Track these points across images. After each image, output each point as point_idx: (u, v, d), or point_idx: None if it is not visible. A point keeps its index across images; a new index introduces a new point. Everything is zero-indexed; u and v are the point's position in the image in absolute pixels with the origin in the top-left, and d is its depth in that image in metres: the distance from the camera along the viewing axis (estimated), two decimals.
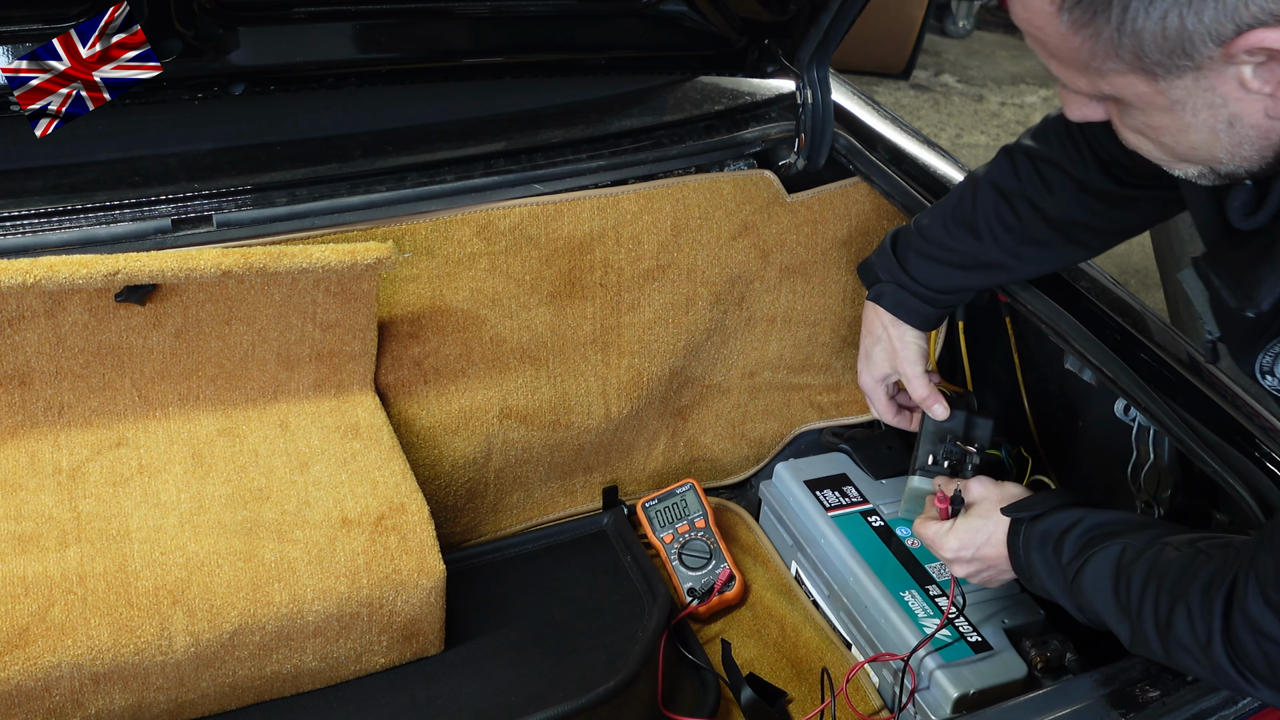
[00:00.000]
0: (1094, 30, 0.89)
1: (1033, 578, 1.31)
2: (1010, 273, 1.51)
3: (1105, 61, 0.91)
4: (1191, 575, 1.13)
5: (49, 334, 1.40)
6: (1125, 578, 1.19)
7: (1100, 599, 1.22)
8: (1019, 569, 1.33)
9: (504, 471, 1.70)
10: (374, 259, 1.48)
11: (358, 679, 1.41)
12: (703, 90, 1.94)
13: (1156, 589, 1.15)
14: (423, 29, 1.79)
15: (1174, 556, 1.17)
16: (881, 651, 1.46)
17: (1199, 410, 1.34)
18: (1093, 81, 0.94)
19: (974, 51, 6.43)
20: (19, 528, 1.33)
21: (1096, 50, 0.90)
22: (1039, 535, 1.29)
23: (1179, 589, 1.13)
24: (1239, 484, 1.27)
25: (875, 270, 1.57)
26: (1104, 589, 1.21)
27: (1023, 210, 1.44)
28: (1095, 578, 1.22)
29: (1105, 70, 0.92)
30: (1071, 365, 1.57)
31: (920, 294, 1.52)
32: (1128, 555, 1.20)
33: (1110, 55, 0.90)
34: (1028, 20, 0.94)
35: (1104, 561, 1.22)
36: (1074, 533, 1.26)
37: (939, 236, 1.50)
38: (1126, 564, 1.20)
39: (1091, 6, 0.87)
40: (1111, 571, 1.21)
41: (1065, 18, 0.89)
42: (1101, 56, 0.90)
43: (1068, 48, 0.92)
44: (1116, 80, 0.93)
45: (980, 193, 1.47)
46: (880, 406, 1.60)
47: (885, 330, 1.55)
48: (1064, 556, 1.26)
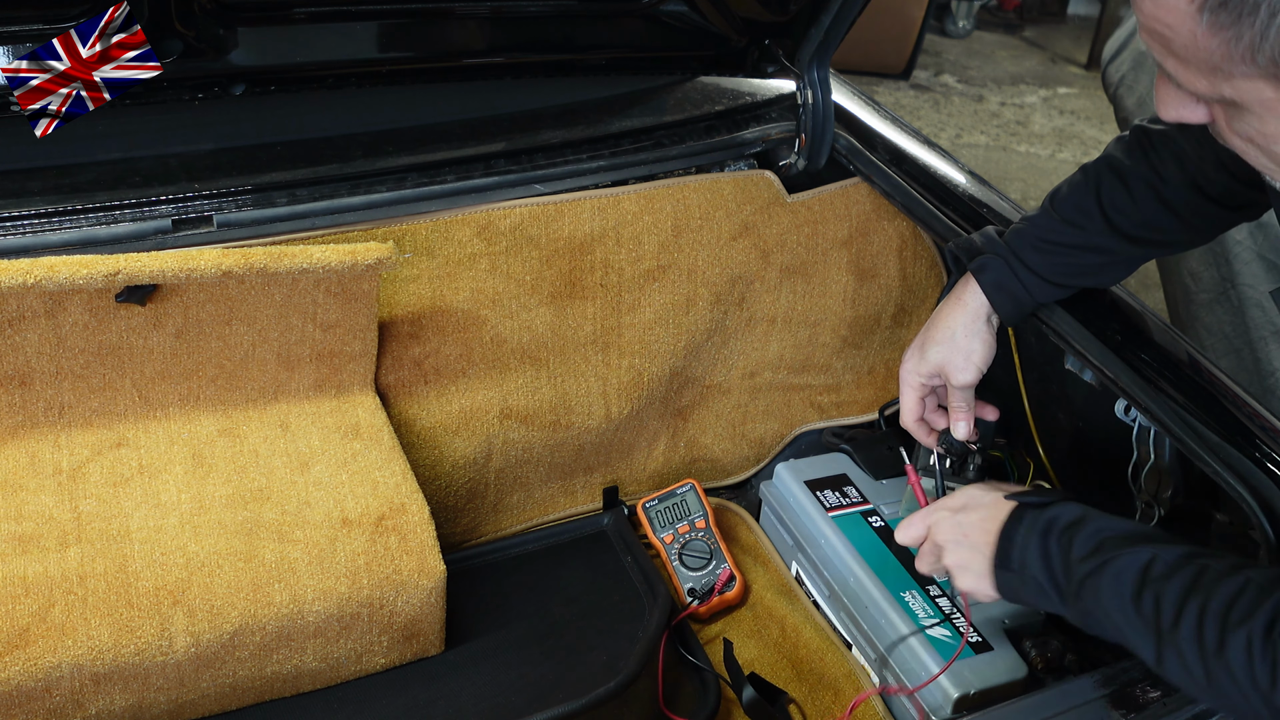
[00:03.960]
0: (1235, 33, 0.85)
1: (1024, 568, 1.21)
2: (1117, 260, 1.44)
3: (1238, 65, 0.87)
4: (1251, 604, 1.04)
5: (49, 334, 1.40)
6: (1154, 592, 1.10)
7: (1118, 608, 1.13)
8: (1004, 559, 1.23)
9: (504, 472, 1.70)
10: (374, 259, 1.48)
11: (358, 679, 1.41)
12: (703, 90, 1.94)
13: (1200, 611, 1.06)
14: (423, 29, 1.79)
15: (1221, 579, 1.07)
16: (881, 652, 1.46)
17: (1199, 410, 1.34)
18: (1214, 84, 0.91)
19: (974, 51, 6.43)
20: (19, 528, 1.33)
21: (1232, 53, 0.86)
22: (1045, 521, 1.21)
23: (1235, 617, 1.04)
24: (1239, 484, 1.27)
25: (977, 244, 1.48)
26: (1124, 598, 1.12)
27: (1138, 191, 1.39)
28: (1116, 584, 1.13)
29: (1234, 74, 0.88)
30: (1071, 365, 1.56)
31: (1024, 278, 1.44)
32: (1157, 567, 1.11)
33: (1246, 59, 0.86)
34: (1157, 17, 0.89)
35: (1128, 568, 1.13)
36: (1086, 529, 1.18)
37: (1051, 222, 1.44)
38: (1157, 577, 1.11)
39: (1238, 9, 0.84)
40: (1136, 580, 1.12)
41: (1206, 18, 0.85)
42: (1236, 60, 0.87)
43: (1200, 48, 0.88)
44: (1242, 85, 0.89)
45: (1092, 176, 1.43)
46: (908, 404, 1.53)
47: (958, 332, 1.46)
48: (1075, 552, 1.17)
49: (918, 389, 1.52)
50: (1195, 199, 1.37)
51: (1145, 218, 1.40)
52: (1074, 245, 1.42)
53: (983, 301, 1.46)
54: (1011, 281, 1.45)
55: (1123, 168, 1.40)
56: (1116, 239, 1.41)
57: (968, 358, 1.46)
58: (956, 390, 1.49)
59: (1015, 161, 5.07)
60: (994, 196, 1.73)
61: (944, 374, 1.49)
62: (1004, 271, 1.45)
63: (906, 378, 1.52)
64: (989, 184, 1.78)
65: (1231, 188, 1.34)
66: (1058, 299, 1.48)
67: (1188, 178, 1.36)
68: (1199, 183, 1.36)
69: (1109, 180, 1.41)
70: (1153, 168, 1.38)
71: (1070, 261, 1.43)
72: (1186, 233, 1.43)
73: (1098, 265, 1.44)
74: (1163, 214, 1.39)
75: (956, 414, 1.49)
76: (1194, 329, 2.73)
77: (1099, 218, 1.41)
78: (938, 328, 1.49)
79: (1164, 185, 1.37)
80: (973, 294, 1.46)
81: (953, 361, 1.47)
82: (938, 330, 1.49)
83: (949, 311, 1.48)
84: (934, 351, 1.48)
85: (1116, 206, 1.40)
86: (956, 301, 1.48)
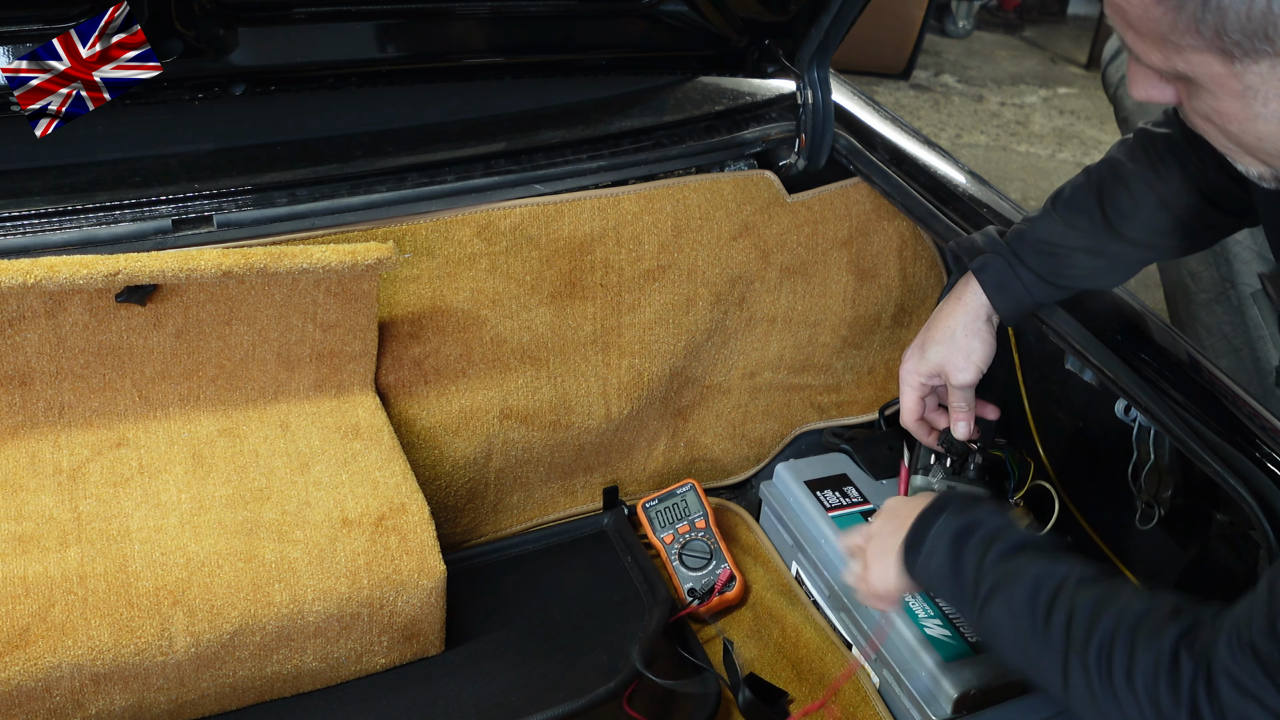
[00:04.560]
0: (1179, 2, 0.87)
1: (934, 556, 1.17)
2: (1117, 263, 1.44)
3: (1184, 36, 0.89)
4: (1159, 625, 0.98)
5: (49, 334, 1.40)
6: (1067, 604, 1.05)
7: (1019, 621, 1.07)
8: (910, 557, 1.20)
9: (504, 472, 1.70)
10: (374, 259, 1.48)
11: (358, 679, 1.41)
12: (703, 90, 1.94)
13: (1111, 630, 1.00)
14: (423, 29, 1.79)
15: (1135, 595, 1.03)
16: (883, 653, 1.46)
17: (1199, 410, 1.34)
18: (1167, 57, 0.93)
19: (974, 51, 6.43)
20: (19, 528, 1.33)
21: (1178, 23, 0.89)
22: (957, 529, 1.17)
23: (1143, 636, 0.99)
24: (1239, 484, 1.27)
25: (978, 244, 1.48)
26: (1022, 612, 1.07)
27: (1140, 194, 1.39)
28: (1020, 593, 1.07)
29: (1182, 46, 0.90)
30: (1072, 365, 1.56)
31: (1025, 278, 1.43)
32: (1070, 582, 1.06)
33: (1191, 30, 0.88)
34: None
35: (1028, 579, 1.08)
36: (999, 544, 1.13)
37: (1052, 223, 1.43)
38: (1069, 591, 1.06)
39: None
40: (1048, 593, 1.06)
41: None
42: (1181, 30, 0.89)
43: (1148, 17, 0.90)
44: (1192, 58, 0.91)
45: (1094, 177, 1.43)
46: (908, 404, 1.53)
47: (958, 331, 1.46)
48: (988, 557, 1.13)
49: (918, 389, 1.52)
50: (1197, 203, 1.37)
51: (1146, 221, 1.39)
52: (1074, 247, 1.42)
53: (983, 301, 1.46)
54: (1012, 281, 1.45)
55: (1125, 170, 1.40)
56: (1117, 242, 1.41)
57: (967, 357, 1.46)
58: (956, 390, 1.49)
59: (1015, 161, 5.07)
60: (994, 196, 1.73)
61: (944, 373, 1.49)
62: (1004, 271, 1.45)
63: (906, 377, 1.52)
64: (989, 184, 1.78)
65: (1233, 192, 1.33)
66: (1058, 299, 1.48)
67: (1190, 182, 1.36)
68: (1201, 187, 1.36)
69: (1111, 183, 1.41)
70: (1155, 171, 1.38)
71: (1070, 263, 1.43)
72: (1187, 237, 1.42)
73: (1098, 268, 1.44)
74: (1164, 218, 1.39)
75: (956, 414, 1.49)
76: (1194, 329, 2.72)
77: (1100, 220, 1.41)
78: (938, 327, 1.49)
79: (1165, 189, 1.37)
80: (973, 293, 1.46)
81: (952, 361, 1.47)
82: (938, 330, 1.49)
83: (949, 311, 1.48)
84: (934, 351, 1.48)
85: (1118, 209, 1.40)
86: (956, 301, 1.48)
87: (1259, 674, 0.90)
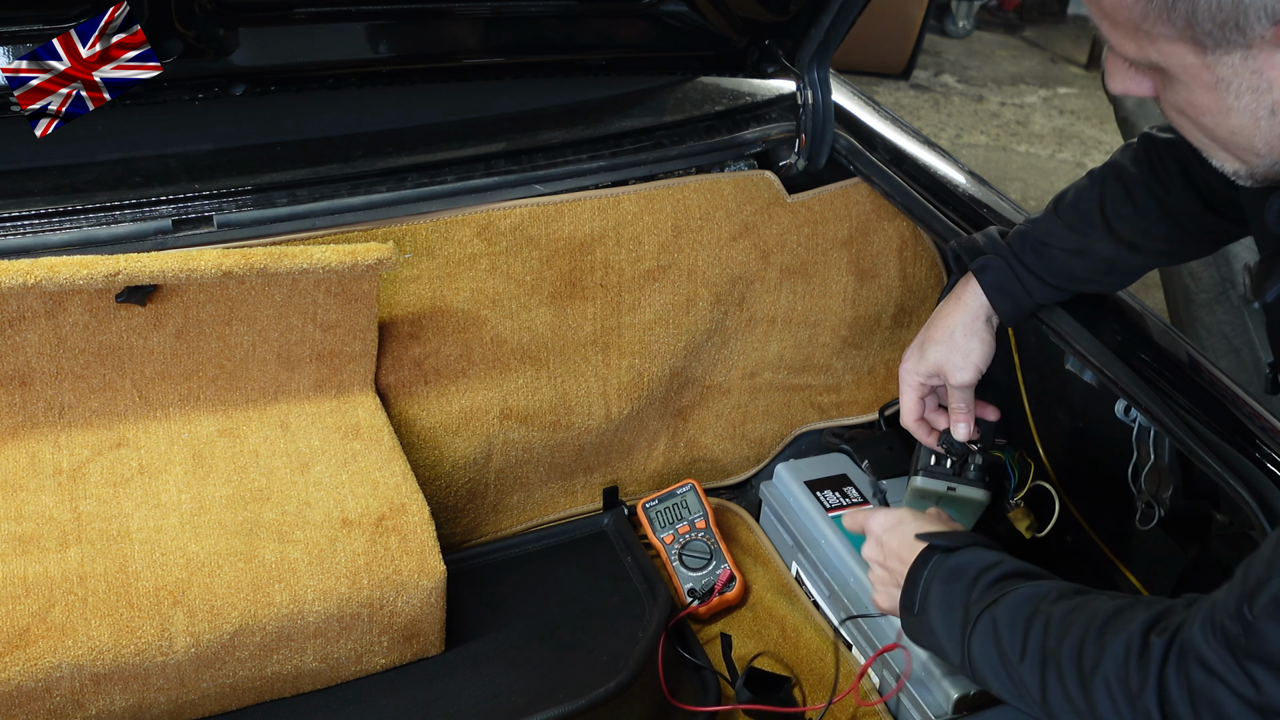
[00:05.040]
0: None
1: (926, 612, 1.23)
2: (1117, 267, 1.44)
3: (1156, 25, 0.89)
4: (1129, 617, 1.03)
5: (49, 334, 1.40)
6: (1045, 616, 1.09)
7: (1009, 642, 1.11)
8: (908, 601, 1.25)
9: (504, 472, 1.70)
10: (374, 259, 1.48)
11: (358, 679, 1.41)
12: (703, 91, 1.94)
13: (1083, 630, 1.05)
14: (423, 29, 1.79)
15: (1109, 600, 1.07)
16: (886, 657, 1.46)
17: (1199, 410, 1.34)
18: (1141, 47, 0.93)
19: (974, 51, 6.44)
20: (19, 528, 1.33)
21: (1150, 11, 0.88)
22: (949, 569, 1.22)
23: (1113, 628, 1.03)
24: (1239, 485, 1.27)
25: (979, 244, 1.48)
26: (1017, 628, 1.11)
27: (1142, 200, 1.39)
28: (1010, 615, 1.12)
29: (1155, 35, 0.90)
30: (1072, 366, 1.56)
31: (1025, 279, 1.44)
32: (1049, 597, 1.11)
33: (1162, 18, 0.88)
34: None
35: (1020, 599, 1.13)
36: (990, 575, 1.18)
37: (1054, 226, 1.44)
38: (1049, 604, 1.10)
39: None
40: (1028, 611, 1.11)
41: None
42: (1154, 19, 0.89)
43: (1121, 5, 0.90)
44: (1165, 48, 0.91)
45: (1096, 183, 1.44)
46: (908, 404, 1.53)
47: (957, 332, 1.46)
48: (974, 594, 1.18)
49: (917, 389, 1.52)
50: (1198, 209, 1.37)
51: (1147, 226, 1.39)
52: (1074, 250, 1.42)
53: (982, 302, 1.46)
54: (1012, 282, 1.45)
55: (1128, 175, 1.40)
56: (1117, 246, 1.41)
57: (966, 357, 1.46)
58: (956, 390, 1.49)
59: (1015, 161, 5.07)
60: (994, 196, 1.73)
61: (943, 373, 1.49)
62: (1004, 272, 1.45)
63: (906, 377, 1.52)
64: (989, 184, 1.78)
65: (1234, 199, 1.33)
66: (1058, 301, 1.48)
67: (1192, 188, 1.36)
68: (1203, 193, 1.35)
69: (1113, 187, 1.41)
70: (1157, 176, 1.38)
71: (1070, 265, 1.43)
72: (1188, 243, 1.43)
73: (1098, 271, 1.44)
74: (1165, 223, 1.39)
75: (956, 414, 1.49)
76: (1194, 329, 2.73)
77: (1100, 224, 1.41)
78: (937, 327, 1.49)
79: (1167, 194, 1.37)
80: (973, 294, 1.46)
81: (951, 361, 1.47)
82: (937, 330, 1.49)
83: (949, 311, 1.48)
84: (933, 351, 1.48)
85: (1119, 214, 1.40)
86: (956, 301, 1.48)
87: (1227, 656, 0.92)
